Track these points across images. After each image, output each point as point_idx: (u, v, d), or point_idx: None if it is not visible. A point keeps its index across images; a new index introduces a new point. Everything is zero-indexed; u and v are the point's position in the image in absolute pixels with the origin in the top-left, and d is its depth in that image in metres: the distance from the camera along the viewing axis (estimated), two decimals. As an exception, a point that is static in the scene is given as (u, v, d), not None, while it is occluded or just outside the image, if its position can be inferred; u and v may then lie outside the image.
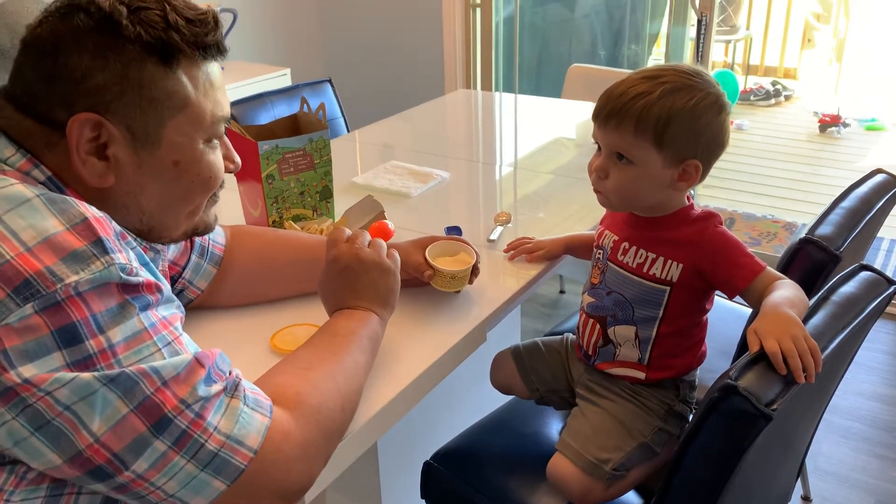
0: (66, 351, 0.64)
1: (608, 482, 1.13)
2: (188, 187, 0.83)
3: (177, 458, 0.68)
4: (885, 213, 1.37)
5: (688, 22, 3.25)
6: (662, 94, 1.01)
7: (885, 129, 4.85)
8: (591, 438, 1.14)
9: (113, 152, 0.76)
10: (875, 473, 1.97)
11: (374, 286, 0.98)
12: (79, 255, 0.65)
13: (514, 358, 1.33)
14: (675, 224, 1.10)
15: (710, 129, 1.04)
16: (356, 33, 3.61)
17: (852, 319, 1.00)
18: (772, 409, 0.85)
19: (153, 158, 0.78)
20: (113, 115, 0.75)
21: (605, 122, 1.06)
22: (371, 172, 1.77)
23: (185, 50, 0.77)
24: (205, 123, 0.81)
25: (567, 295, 2.90)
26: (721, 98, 1.04)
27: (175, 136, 0.79)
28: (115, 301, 0.67)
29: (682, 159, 1.04)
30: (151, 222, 0.83)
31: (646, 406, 1.16)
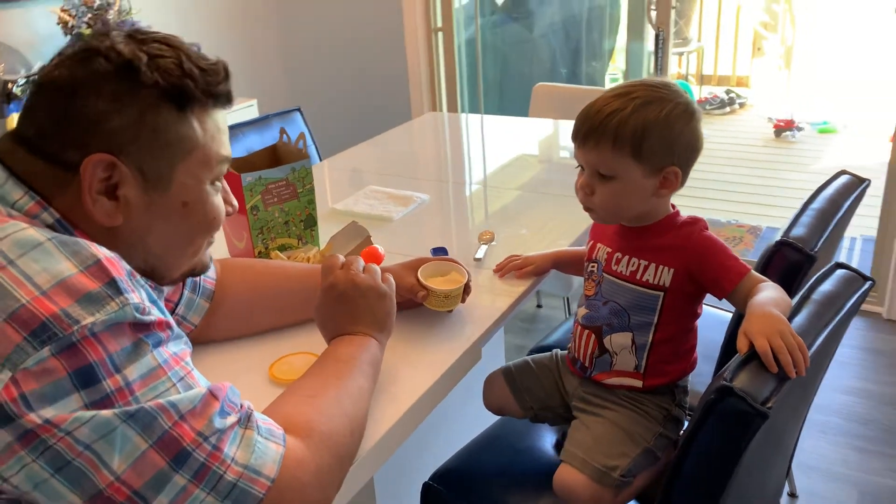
0: (84, 392, 0.64)
1: (616, 489, 1.15)
2: (194, 228, 0.84)
3: (197, 490, 0.68)
4: (851, 213, 1.42)
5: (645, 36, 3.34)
6: (635, 109, 1.06)
7: (836, 131, 5.01)
8: (597, 447, 1.16)
9: (123, 193, 0.77)
10: (856, 466, 2.02)
11: (371, 311, 1.00)
12: (93, 296, 0.66)
13: (505, 378, 1.35)
14: (663, 231, 1.14)
15: (684, 136, 1.09)
16: (320, 62, 3.64)
17: (833, 316, 1.04)
18: (767, 407, 0.88)
19: (163, 199, 0.80)
20: (126, 156, 0.76)
21: (583, 142, 1.10)
22: (351, 198, 1.78)
23: (199, 97, 0.79)
24: (212, 165, 0.83)
25: (545, 309, 2.93)
26: (690, 105, 1.10)
27: (185, 178, 0.80)
28: (129, 340, 0.68)
29: (661, 168, 1.09)
30: (155, 263, 0.84)
31: (645, 412, 1.19)
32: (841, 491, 1.94)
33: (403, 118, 3.28)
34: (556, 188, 1.92)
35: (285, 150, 1.48)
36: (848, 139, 4.91)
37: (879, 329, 2.64)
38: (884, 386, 2.34)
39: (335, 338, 0.99)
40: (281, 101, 3.61)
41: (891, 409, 2.22)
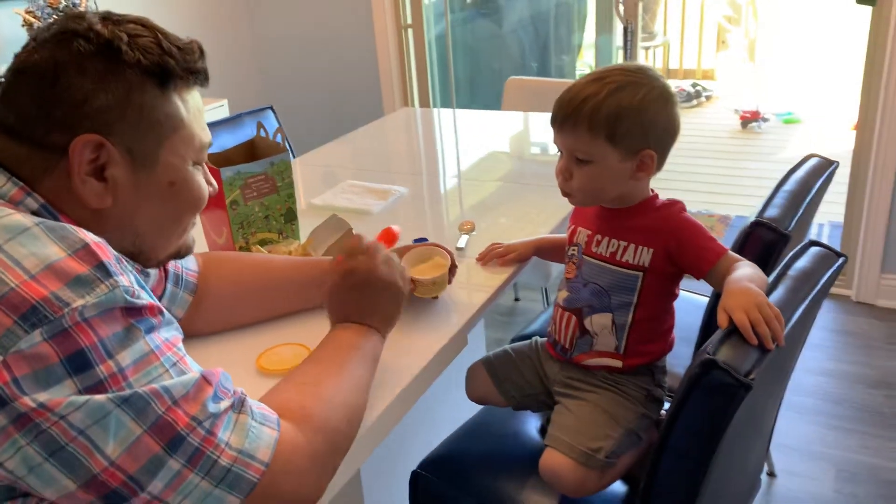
0: (77, 378, 0.64)
1: (601, 471, 1.16)
2: (181, 208, 0.85)
3: (191, 475, 0.68)
4: (822, 194, 1.46)
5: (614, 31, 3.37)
6: (609, 93, 1.08)
7: (800, 121, 5.11)
8: (580, 430, 1.18)
9: (111, 173, 0.77)
10: (831, 444, 2.06)
11: (383, 306, 0.99)
12: (83, 279, 0.66)
13: (486, 369, 1.36)
14: (642, 213, 1.16)
15: (660, 120, 1.11)
16: (290, 61, 3.62)
17: (809, 292, 1.07)
18: (750, 379, 0.90)
19: (150, 179, 0.80)
20: (114, 136, 0.76)
21: (560, 127, 1.13)
22: (329, 193, 1.78)
23: (180, 74, 0.80)
24: (195, 146, 0.84)
25: (522, 302, 2.95)
26: (666, 90, 1.12)
27: (170, 157, 0.81)
28: (121, 326, 0.67)
29: (637, 151, 1.11)
30: (143, 244, 0.84)
31: (626, 393, 1.20)
32: (818, 468, 1.98)
33: (375, 115, 3.28)
34: (533, 179, 1.94)
35: (263, 144, 1.47)
36: (812, 129, 5.01)
37: (849, 311, 2.71)
38: (855, 366, 2.39)
39: (341, 323, 0.97)
40: (251, 101, 3.58)
41: (863, 388, 2.28)
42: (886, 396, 2.23)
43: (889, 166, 2.56)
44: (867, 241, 2.68)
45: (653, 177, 1.16)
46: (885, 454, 2.01)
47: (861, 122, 2.65)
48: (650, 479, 1.06)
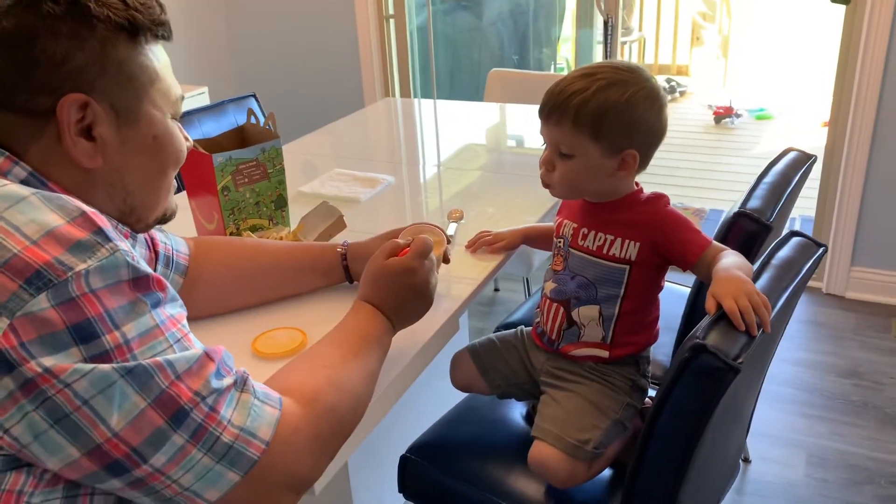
0: (83, 346, 0.64)
1: (590, 462, 1.18)
2: (165, 161, 0.86)
3: (194, 451, 0.69)
4: (800, 186, 1.50)
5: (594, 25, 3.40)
6: (598, 90, 1.09)
7: (772, 117, 5.21)
8: (568, 421, 1.19)
9: (99, 132, 0.78)
10: (804, 431, 2.13)
11: (413, 314, 1.03)
12: (83, 244, 0.66)
13: (472, 357, 1.37)
14: (627, 207, 1.18)
15: (645, 120, 1.12)
16: (271, 49, 3.60)
17: (792, 280, 1.11)
18: (738, 363, 0.94)
19: (135, 134, 0.81)
20: (97, 93, 0.77)
21: (546, 119, 1.14)
22: (317, 181, 1.79)
23: (149, 26, 0.81)
24: (171, 98, 0.85)
25: (503, 292, 2.98)
26: (655, 91, 1.13)
27: (151, 111, 0.82)
28: (128, 299, 0.68)
29: (620, 150, 1.12)
30: (134, 202, 0.85)
31: (612, 384, 1.22)
32: (790, 454, 2.04)
33: (356, 105, 3.28)
34: (519, 169, 1.96)
35: (254, 130, 1.47)
36: (784, 125, 5.10)
37: (820, 303, 2.78)
38: (826, 356, 2.46)
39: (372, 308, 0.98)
40: (232, 89, 3.56)
41: (833, 377, 2.35)
42: (854, 385, 2.30)
43: (860, 163, 2.63)
44: (838, 235, 2.75)
45: (636, 175, 1.18)
46: (853, 440, 2.07)
47: (833, 119, 2.71)
48: (637, 463, 1.09)
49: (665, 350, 1.55)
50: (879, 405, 2.20)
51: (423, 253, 1.02)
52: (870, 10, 2.46)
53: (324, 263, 1.24)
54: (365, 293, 1.00)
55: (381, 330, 0.97)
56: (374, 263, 1.02)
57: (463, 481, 1.31)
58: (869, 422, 2.14)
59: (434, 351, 1.17)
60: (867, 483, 1.92)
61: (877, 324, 2.62)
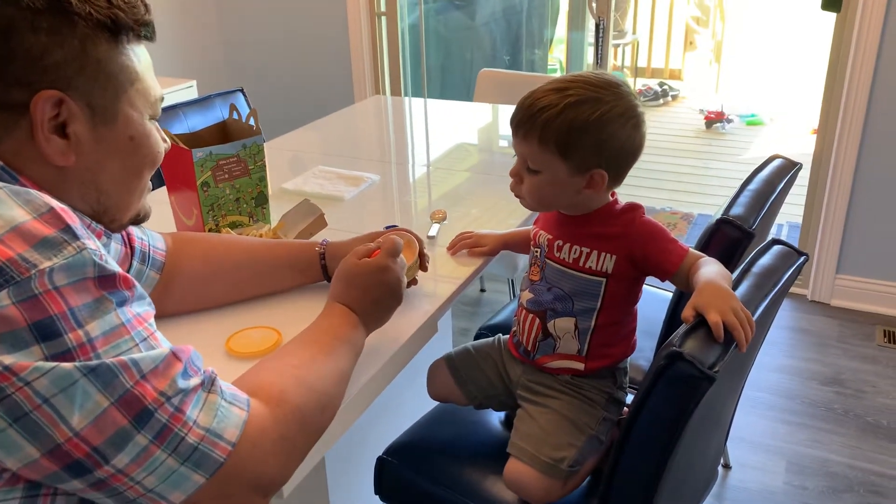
0: (45, 345, 0.63)
1: (565, 479, 1.17)
2: (141, 163, 0.85)
3: (158, 451, 0.68)
4: (785, 194, 1.50)
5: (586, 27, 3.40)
6: (566, 108, 1.06)
7: (763, 123, 5.22)
8: (543, 439, 1.18)
9: (73, 130, 0.77)
10: (784, 437, 2.13)
11: (384, 314, 1.04)
12: (50, 241, 0.65)
13: (448, 368, 1.35)
14: (603, 219, 1.15)
15: (616, 140, 1.08)
16: (261, 44, 3.58)
17: (772, 288, 1.10)
18: (714, 372, 0.93)
19: (111, 133, 0.80)
20: (74, 90, 0.76)
21: (515, 131, 1.12)
22: (300, 178, 1.77)
23: (131, 26, 0.80)
24: (150, 99, 0.84)
25: (488, 293, 2.97)
26: (630, 110, 1.09)
27: (129, 111, 0.81)
28: (92, 296, 0.67)
29: (588, 168, 1.09)
30: (108, 203, 0.84)
31: (588, 398, 1.21)
32: (770, 461, 2.04)
33: (346, 102, 3.26)
34: (503, 170, 1.95)
35: (236, 126, 1.46)
36: (774, 131, 5.12)
37: (804, 310, 2.78)
38: (809, 363, 2.46)
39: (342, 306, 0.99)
40: (221, 83, 3.54)
41: (815, 384, 2.35)
42: (837, 393, 2.30)
43: (847, 171, 2.64)
44: (824, 243, 2.76)
45: (609, 191, 1.15)
46: (833, 448, 2.08)
47: (822, 127, 2.72)
48: (612, 469, 1.09)
49: (647, 355, 1.55)
50: (860, 413, 2.21)
51: (395, 252, 1.03)
52: (860, 18, 2.46)
53: (302, 262, 1.23)
54: (337, 293, 1.00)
55: (353, 330, 0.96)
56: (347, 264, 1.02)
57: (439, 484, 1.30)
58: (850, 430, 2.14)
59: (411, 353, 1.16)
60: (846, 491, 1.93)
61: (860, 332, 2.62)
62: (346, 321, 0.97)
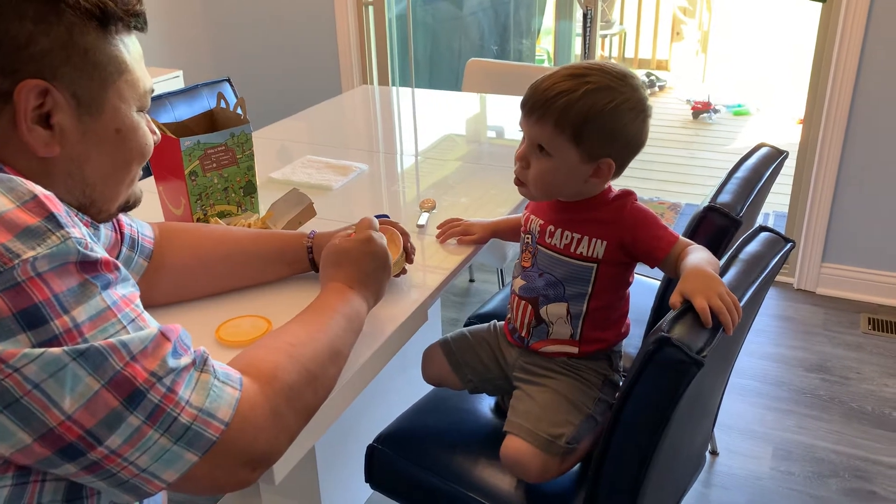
0: (31, 333, 0.63)
1: (563, 457, 1.18)
2: (128, 155, 0.84)
3: (150, 432, 0.68)
4: (771, 182, 1.51)
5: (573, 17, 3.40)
6: (585, 94, 1.06)
7: (750, 113, 5.24)
8: (541, 416, 1.19)
9: (58, 120, 0.76)
10: (771, 424, 2.15)
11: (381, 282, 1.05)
12: (33, 230, 0.64)
13: (444, 352, 1.36)
14: (595, 205, 1.16)
15: (628, 131, 1.10)
16: (247, 33, 3.55)
17: (759, 274, 1.11)
18: (702, 357, 0.94)
19: (97, 125, 0.79)
20: (59, 80, 0.75)
21: (528, 114, 1.12)
22: (289, 167, 1.77)
23: (121, 16, 0.79)
24: (139, 90, 0.83)
25: (477, 283, 2.98)
26: (642, 103, 1.10)
27: (116, 102, 0.80)
28: (76, 281, 0.66)
29: (598, 157, 1.10)
30: (94, 195, 0.83)
31: (584, 379, 1.22)
32: (757, 447, 2.06)
33: (334, 91, 3.25)
34: (491, 160, 1.96)
35: (223, 115, 1.45)
36: (761, 121, 5.14)
37: (790, 298, 2.81)
38: (795, 350, 2.49)
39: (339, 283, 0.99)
40: (207, 73, 3.51)
41: (801, 371, 2.37)
42: (822, 380, 2.33)
43: (833, 160, 2.66)
44: (810, 232, 2.78)
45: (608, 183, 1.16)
46: (819, 434, 2.10)
47: (807, 117, 2.73)
48: (602, 453, 1.09)
49: (635, 343, 1.55)
50: (845, 400, 2.23)
51: (370, 225, 1.07)
52: (845, 8, 2.47)
53: (290, 253, 1.23)
54: (329, 276, 1.01)
55: (349, 303, 0.97)
56: (331, 247, 1.04)
57: (430, 472, 1.30)
58: (834, 416, 2.17)
59: (402, 341, 1.16)
60: (831, 476, 1.95)
61: (846, 319, 2.65)
62: (342, 296, 0.97)
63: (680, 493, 1.38)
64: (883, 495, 1.88)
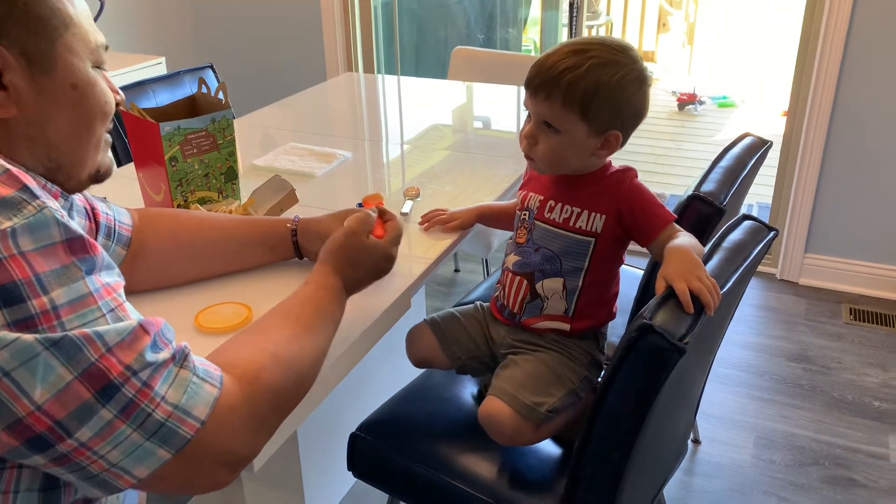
0: (7, 310, 0.61)
1: (539, 424, 1.19)
2: (89, 113, 0.82)
3: (123, 426, 0.66)
4: (755, 171, 1.51)
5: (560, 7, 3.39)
6: (590, 69, 1.08)
7: (735, 105, 5.26)
8: (526, 384, 1.20)
9: (10, 79, 0.74)
10: (752, 413, 2.16)
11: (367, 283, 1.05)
12: (8, 201, 0.63)
13: (432, 329, 1.35)
14: (596, 179, 1.19)
15: (633, 102, 1.13)
16: (231, 19, 3.51)
17: (742, 263, 1.12)
18: (684, 344, 0.94)
19: (51, 82, 0.77)
20: (5, 38, 0.73)
21: (535, 93, 1.13)
22: (271, 154, 1.75)
23: None
24: (90, 45, 0.81)
25: (462, 273, 2.97)
26: (643, 73, 1.13)
27: (68, 57, 0.78)
28: (61, 262, 0.65)
29: (605, 129, 1.13)
30: (60, 158, 0.81)
31: (572, 355, 1.24)
32: (738, 436, 2.07)
33: (318, 78, 3.22)
34: (477, 149, 1.95)
35: (204, 100, 1.43)
36: (746, 113, 5.16)
37: (773, 288, 2.82)
38: (777, 340, 2.50)
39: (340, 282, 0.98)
40: (190, 60, 3.47)
41: (783, 361, 2.39)
42: (804, 369, 2.34)
43: (816, 152, 2.67)
44: (793, 223, 2.79)
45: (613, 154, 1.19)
46: (799, 423, 2.12)
47: (792, 108, 2.74)
48: (584, 440, 1.09)
49: (619, 331, 1.56)
50: (826, 389, 2.25)
51: (399, 240, 1.07)
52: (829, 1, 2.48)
53: (273, 238, 1.22)
54: (338, 265, 0.99)
55: (340, 306, 0.96)
56: (355, 240, 1.01)
57: (412, 460, 1.30)
58: (816, 405, 2.19)
59: (383, 329, 1.15)
60: (812, 464, 1.97)
61: (827, 310, 2.67)
62: (335, 297, 0.96)
63: (661, 480, 1.38)
64: (862, 482, 1.90)
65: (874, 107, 2.55)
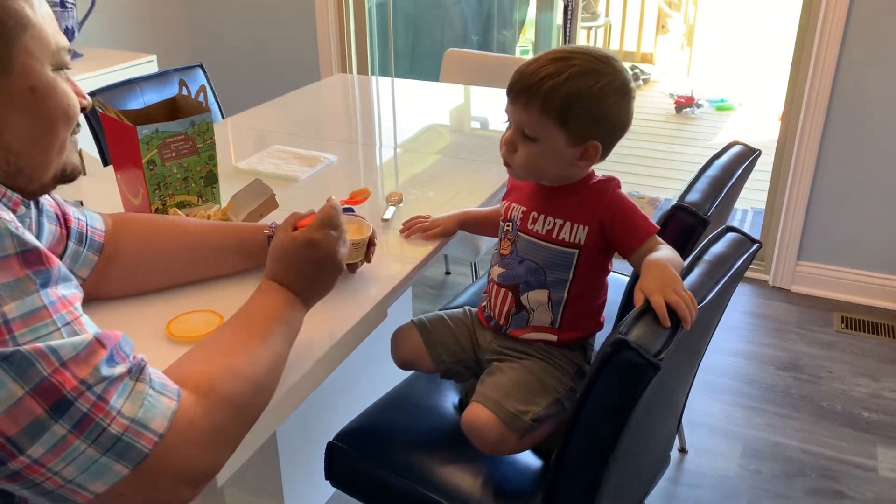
0: None
1: (522, 434, 1.18)
2: (50, 116, 0.80)
3: (77, 442, 0.65)
4: (743, 180, 1.50)
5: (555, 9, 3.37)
6: (569, 77, 1.07)
7: (733, 108, 5.24)
8: (511, 391, 1.18)
9: None
10: (740, 422, 2.15)
11: (324, 285, 0.98)
12: None
13: (419, 330, 1.34)
14: (578, 189, 1.18)
15: (613, 113, 1.11)
16: (224, 18, 3.49)
17: (723, 276, 1.10)
18: (659, 359, 0.92)
19: (8, 86, 0.76)
20: None
21: (514, 100, 1.12)
22: (255, 157, 1.73)
23: None
24: (51, 47, 0.79)
25: (453, 276, 2.96)
26: (626, 84, 1.11)
27: (25, 59, 0.76)
28: (15, 275, 0.64)
29: (584, 139, 1.11)
30: (20, 162, 0.79)
31: (558, 365, 1.22)
32: (726, 445, 2.06)
33: (311, 79, 3.20)
34: (468, 154, 1.93)
35: (185, 103, 1.42)
36: (743, 116, 5.14)
37: (765, 295, 2.81)
38: (767, 348, 2.49)
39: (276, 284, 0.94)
40: (182, 58, 3.45)
41: (772, 369, 2.37)
42: (794, 378, 2.33)
43: (810, 158, 2.65)
44: (786, 229, 2.78)
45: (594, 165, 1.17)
46: (787, 433, 2.10)
47: (786, 113, 2.73)
48: (562, 452, 1.08)
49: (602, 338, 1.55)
50: (816, 399, 2.24)
51: (326, 222, 0.96)
52: (825, 6, 2.46)
53: (249, 245, 1.20)
54: (271, 270, 0.96)
55: (289, 309, 0.93)
56: (277, 238, 0.97)
57: (389, 470, 1.28)
58: (804, 415, 2.17)
59: (359, 339, 1.14)
60: (799, 475, 1.95)
61: (819, 318, 2.65)
62: (281, 301, 0.92)
63: (643, 492, 1.37)
64: (849, 495, 1.88)
65: (869, 114, 2.54)
